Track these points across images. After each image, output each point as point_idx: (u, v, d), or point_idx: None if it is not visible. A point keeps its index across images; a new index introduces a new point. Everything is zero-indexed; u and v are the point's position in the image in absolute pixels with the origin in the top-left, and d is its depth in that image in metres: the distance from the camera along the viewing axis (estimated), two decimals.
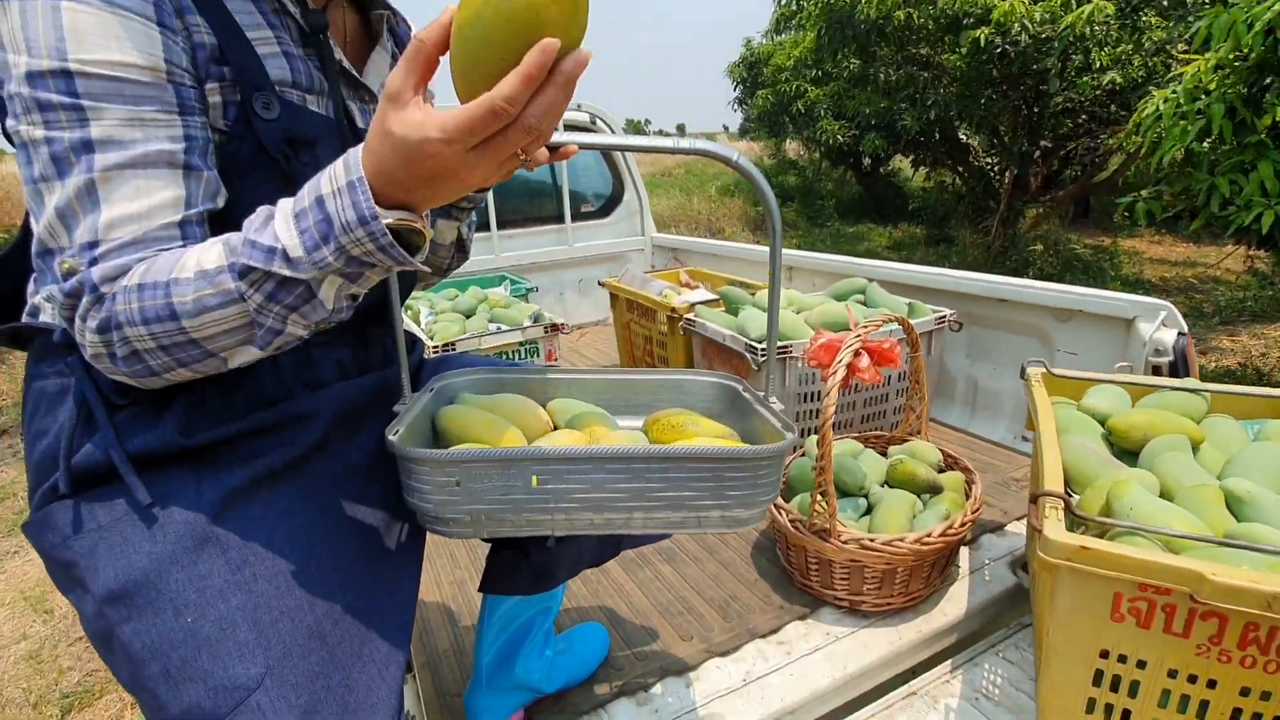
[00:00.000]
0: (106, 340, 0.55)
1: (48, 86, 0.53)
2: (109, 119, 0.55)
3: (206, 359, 0.57)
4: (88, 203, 0.54)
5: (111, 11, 0.54)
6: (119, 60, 0.55)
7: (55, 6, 0.53)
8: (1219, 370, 4.45)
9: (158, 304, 0.53)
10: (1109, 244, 7.91)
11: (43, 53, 0.53)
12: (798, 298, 1.98)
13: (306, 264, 0.51)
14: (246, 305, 0.53)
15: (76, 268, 0.55)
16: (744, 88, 13.03)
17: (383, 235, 0.50)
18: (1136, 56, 5.71)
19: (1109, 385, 1.26)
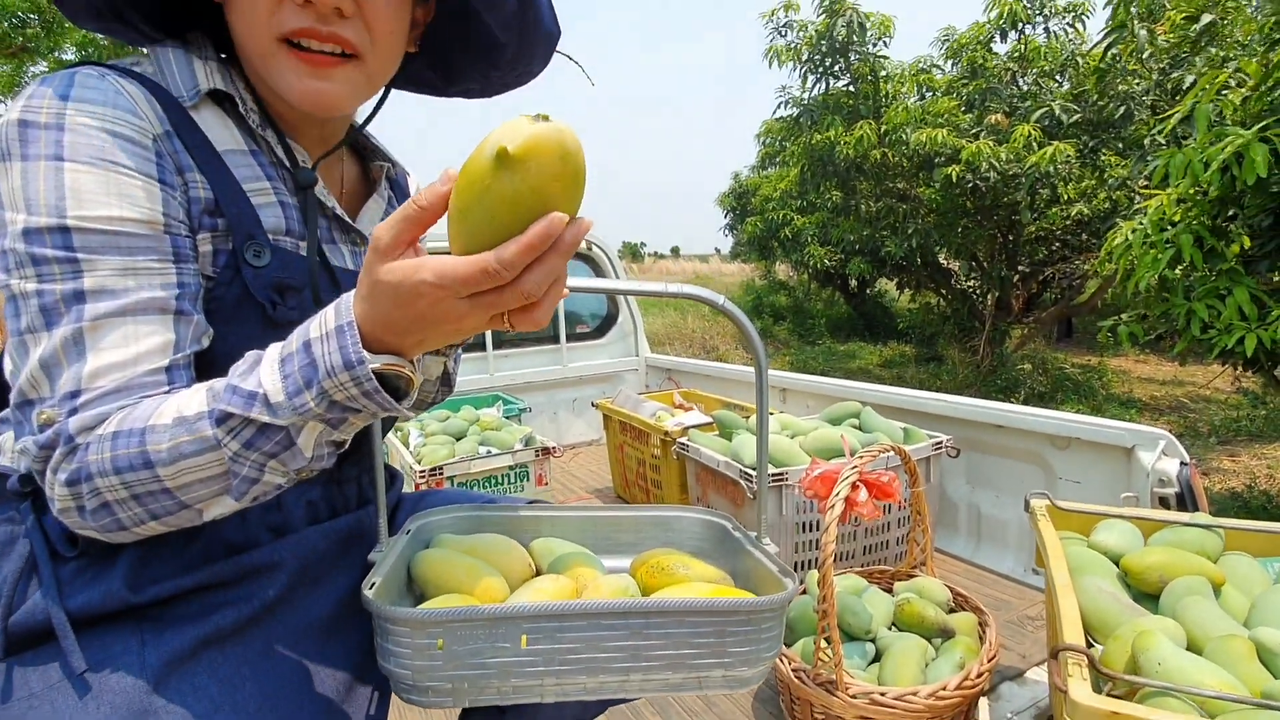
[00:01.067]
0: (76, 493, 0.52)
1: (44, 242, 0.53)
2: (103, 270, 0.54)
3: (180, 510, 0.53)
4: (73, 352, 0.53)
5: (115, 171, 0.56)
6: (117, 215, 0.55)
7: (58, 167, 0.54)
8: (1225, 493, 4.37)
9: (131, 452, 0.51)
10: (1096, 363, 8.06)
11: (41, 210, 0.53)
12: (792, 422, 1.96)
13: (286, 409, 0.49)
14: (222, 453, 0.50)
15: (54, 418, 0.52)
16: (734, 215, 13.81)
17: (368, 380, 0.48)
18: (1101, 190, 6.10)
19: (1118, 520, 1.21)
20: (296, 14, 0.61)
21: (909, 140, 6.30)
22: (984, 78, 6.71)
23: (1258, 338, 2.97)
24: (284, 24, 0.61)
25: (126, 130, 0.57)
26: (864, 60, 6.76)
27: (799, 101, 7.43)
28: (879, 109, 6.86)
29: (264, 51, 0.62)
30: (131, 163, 0.56)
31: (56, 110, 0.55)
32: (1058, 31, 6.49)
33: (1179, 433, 5.71)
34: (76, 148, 0.55)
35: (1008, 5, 6.28)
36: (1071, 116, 5.91)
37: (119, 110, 0.57)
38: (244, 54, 0.65)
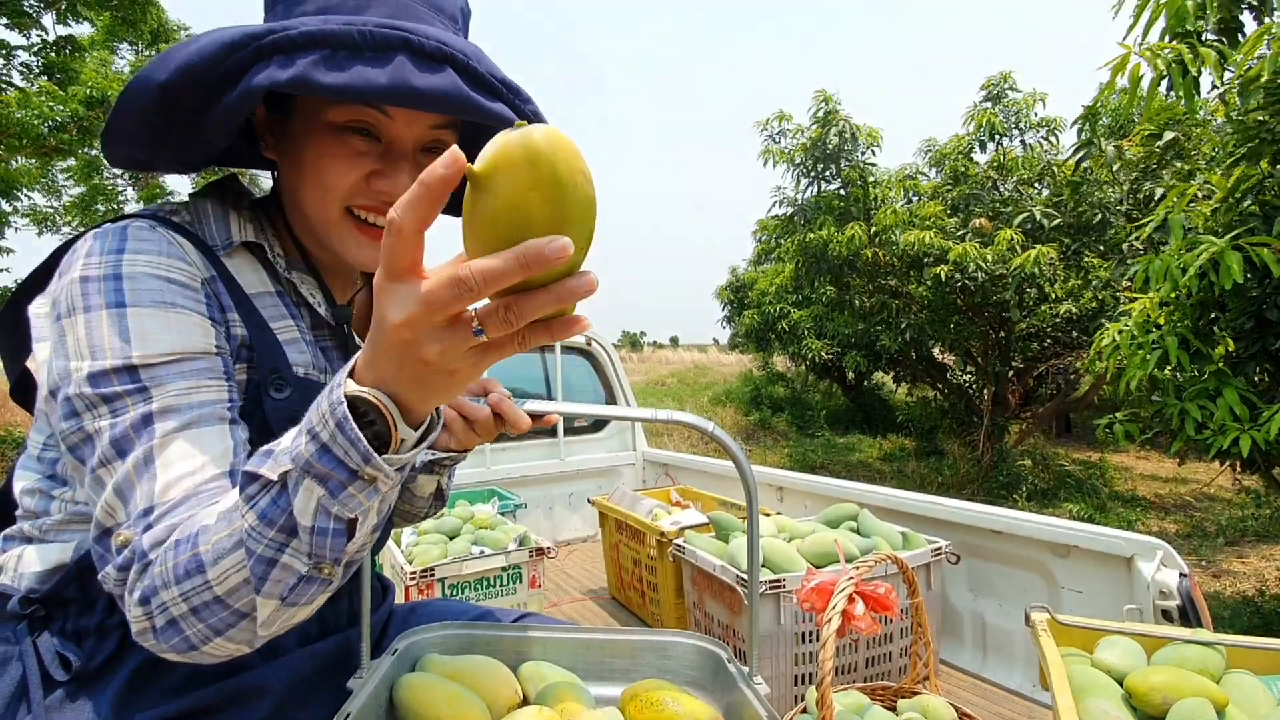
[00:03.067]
0: (147, 612, 0.51)
1: (110, 382, 0.55)
2: (169, 393, 0.56)
3: (238, 621, 0.50)
4: (144, 472, 0.54)
5: (172, 311, 0.59)
6: (178, 350, 0.58)
7: (120, 314, 0.57)
8: (1236, 597, 4.24)
9: (186, 558, 0.49)
10: (1097, 459, 8.01)
11: (106, 355, 0.55)
12: (789, 524, 1.94)
13: (285, 455, 0.47)
14: (242, 528, 0.48)
15: (131, 539, 0.52)
16: (731, 307, 14.12)
17: (339, 405, 0.44)
18: (1087, 291, 6.29)
19: (1120, 637, 1.19)
20: (368, 195, 0.67)
21: (898, 241, 6.56)
22: (966, 184, 7.07)
23: (1252, 439, 2.99)
24: (354, 199, 0.67)
25: (179, 276, 0.61)
26: (854, 166, 7.15)
27: (793, 201, 7.78)
28: (869, 211, 7.18)
29: (329, 218, 0.67)
30: (187, 304, 0.60)
31: (113, 262, 0.58)
32: (1033, 144, 6.90)
33: (1186, 533, 5.61)
34: (137, 293, 0.58)
35: (986, 117, 6.72)
36: (1052, 221, 6.19)
37: (172, 258, 0.61)
38: (300, 210, 0.70)
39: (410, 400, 0.46)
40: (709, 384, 16.54)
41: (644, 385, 17.36)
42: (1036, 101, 6.64)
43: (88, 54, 9.02)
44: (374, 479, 0.47)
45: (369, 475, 0.46)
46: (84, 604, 0.62)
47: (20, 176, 9.48)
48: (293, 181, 0.69)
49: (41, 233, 13.06)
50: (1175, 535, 5.59)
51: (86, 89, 8.04)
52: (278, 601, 0.50)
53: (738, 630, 1.68)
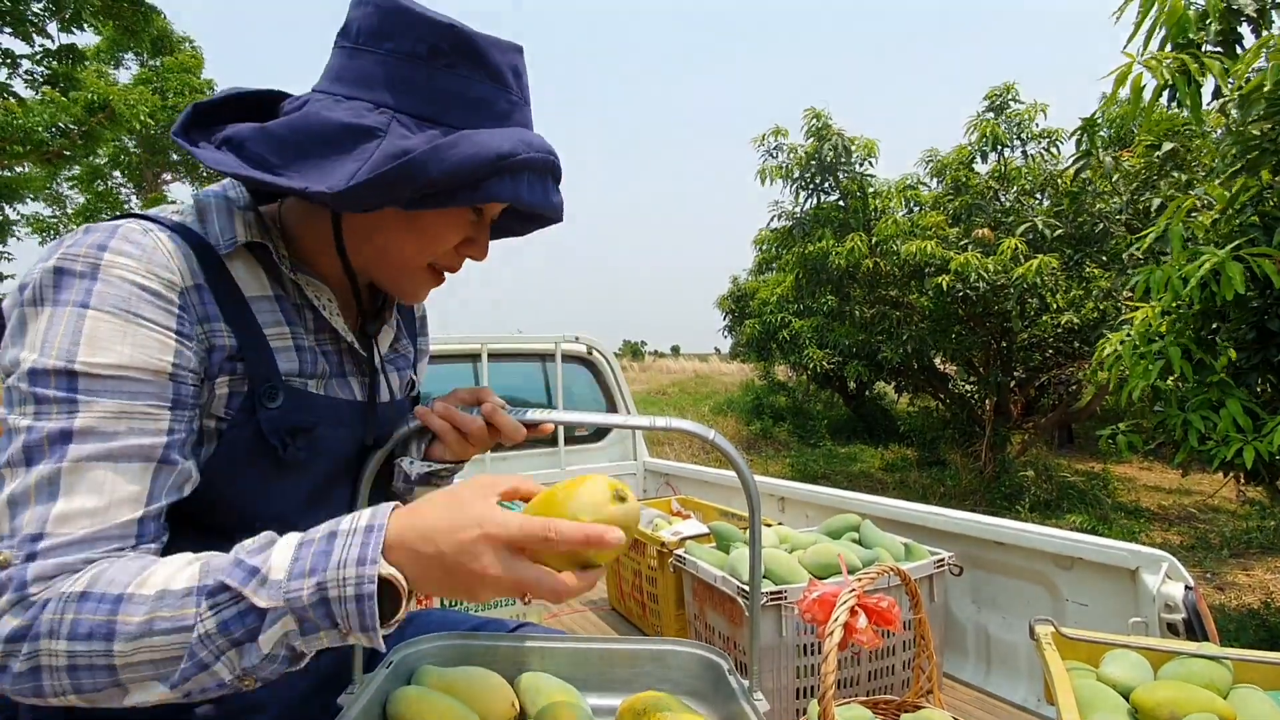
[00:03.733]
0: (12, 650, 0.49)
1: (47, 383, 0.54)
2: (97, 411, 0.55)
3: (109, 689, 0.50)
4: (45, 492, 0.52)
5: (133, 322, 0.57)
6: (126, 363, 0.56)
7: (80, 314, 0.56)
8: (1242, 610, 4.21)
9: (97, 619, 0.49)
10: (1100, 470, 7.98)
11: (52, 353, 0.54)
12: (790, 535, 1.93)
13: (278, 591, 0.49)
14: (191, 635, 0.48)
15: (9, 560, 0.50)
16: (733, 317, 14.13)
17: (370, 582, 0.48)
18: (1088, 301, 6.29)
19: (1126, 651, 1.17)
20: (453, 255, 0.74)
21: (899, 251, 6.57)
22: (968, 194, 7.09)
23: (1255, 450, 2.97)
24: (442, 259, 0.73)
25: (154, 285, 0.59)
26: (851, 178, 7.17)
27: (791, 214, 7.80)
28: (869, 222, 7.20)
29: (415, 269, 0.73)
30: (152, 315, 0.58)
31: (93, 260, 0.57)
32: (1035, 154, 6.93)
33: (1191, 545, 5.57)
34: (104, 296, 0.57)
35: (988, 127, 6.74)
36: (1054, 231, 6.20)
37: (153, 265, 0.59)
38: (377, 257, 0.72)
39: (427, 588, 0.52)
40: (710, 393, 16.53)
41: (645, 394, 17.34)
42: (1038, 112, 6.67)
43: (89, 63, 9.11)
44: (348, 637, 0.50)
45: (353, 637, 0.50)
46: None
47: (24, 184, 9.53)
48: (386, 231, 0.70)
49: (44, 241, 13.13)
50: (1179, 547, 5.55)
51: (89, 94, 8.10)
52: (172, 692, 0.50)
53: (738, 642, 1.67)
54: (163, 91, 11.56)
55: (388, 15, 0.64)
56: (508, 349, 3.36)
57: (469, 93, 0.65)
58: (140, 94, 10.19)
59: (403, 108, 0.63)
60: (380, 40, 0.64)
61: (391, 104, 0.63)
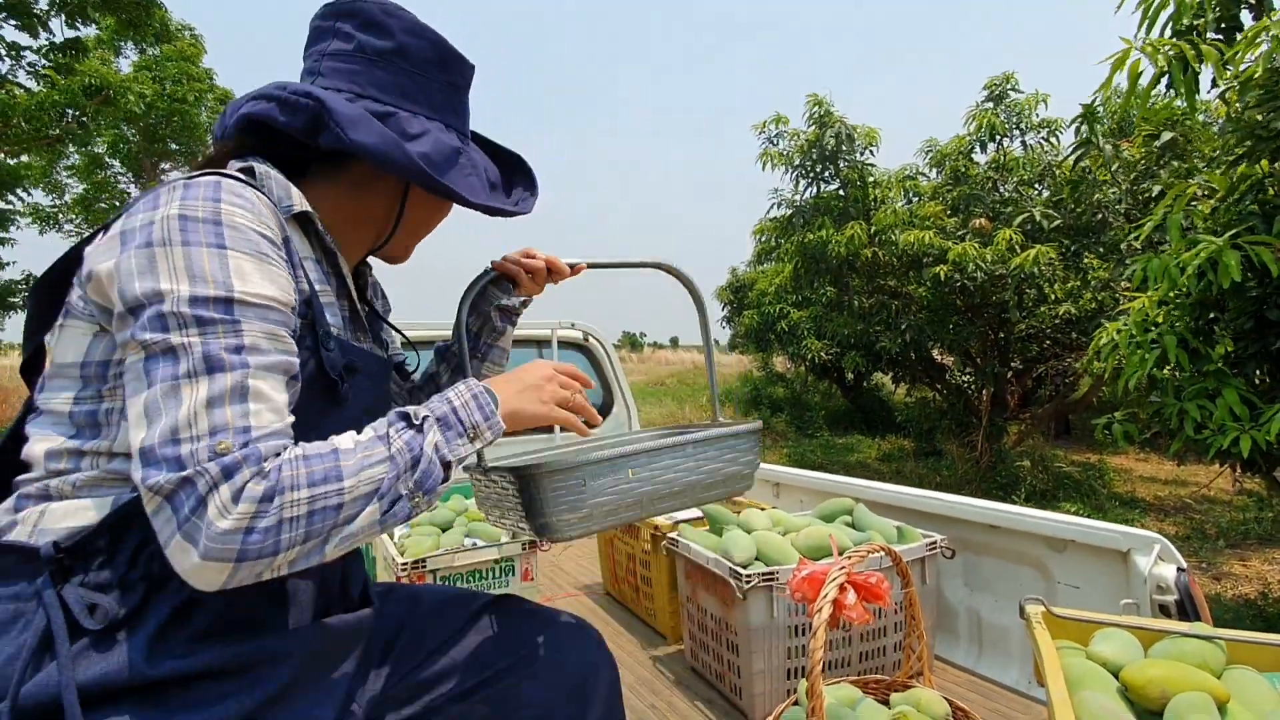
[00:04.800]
0: (261, 509, 0.58)
1: (208, 307, 0.62)
2: (256, 331, 0.64)
3: (329, 532, 0.62)
4: (238, 395, 0.61)
5: (265, 261, 0.67)
6: (270, 295, 0.66)
7: (223, 254, 0.64)
8: (1238, 599, 4.22)
9: (326, 467, 0.62)
10: (1096, 461, 7.99)
11: (209, 283, 0.62)
12: (784, 518, 1.93)
13: (423, 410, 0.72)
14: (388, 462, 0.65)
15: (231, 448, 0.59)
16: (731, 308, 14.11)
17: (477, 386, 0.78)
18: (1086, 291, 6.28)
19: (1116, 629, 1.17)
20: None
21: (898, 240, 6.55)
22: (966, 184, 7.06)
23: (1252, 439, 2.96)
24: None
25: (269, 233, 0.69)
26: (852, 167, 7.14)
27: (791, 203, 7.77)
28: (868, 211, 7.17)
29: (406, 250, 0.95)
30: (275, 258, 0.69)
31: (213, 208, 0.65)
32: (1033, 144, 6.89)
33: (1186, 535, 5.59)
34: (236, 240, 0.65)
35: (986, 117, 6.71)
36: (1052, 222, 6.18)
37: (261, 216, 0.69)
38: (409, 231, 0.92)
39: (509, 397, 0.81)
40: (706, 385, 16.53)
41: (644, 385, 17.34)
42: (1038, 102, 6.63)
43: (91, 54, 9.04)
44: (477, 436, 0.74)
45: (477, 432, 0.75)
46: (109, 558, 0.64)
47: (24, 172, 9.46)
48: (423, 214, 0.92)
49: (43, 230, 13.05)
50: (1175, 537, 5.57)
51: (87, 78, 8.05)
52: (379, 516, 0.65)
53: (730, 623, 1.66)
54: (161, 80, 11.47)
55: (441, 50, 0.84)
56: None
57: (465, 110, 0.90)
58: (140, 79, 10.12)
59: (460, 129, 0.87)
60: (441, 71, 0.85)
61: (456, 126, 0.87)
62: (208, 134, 12.90)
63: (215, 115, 12.83)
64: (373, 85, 0.80)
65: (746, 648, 1.61)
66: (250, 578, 0.60)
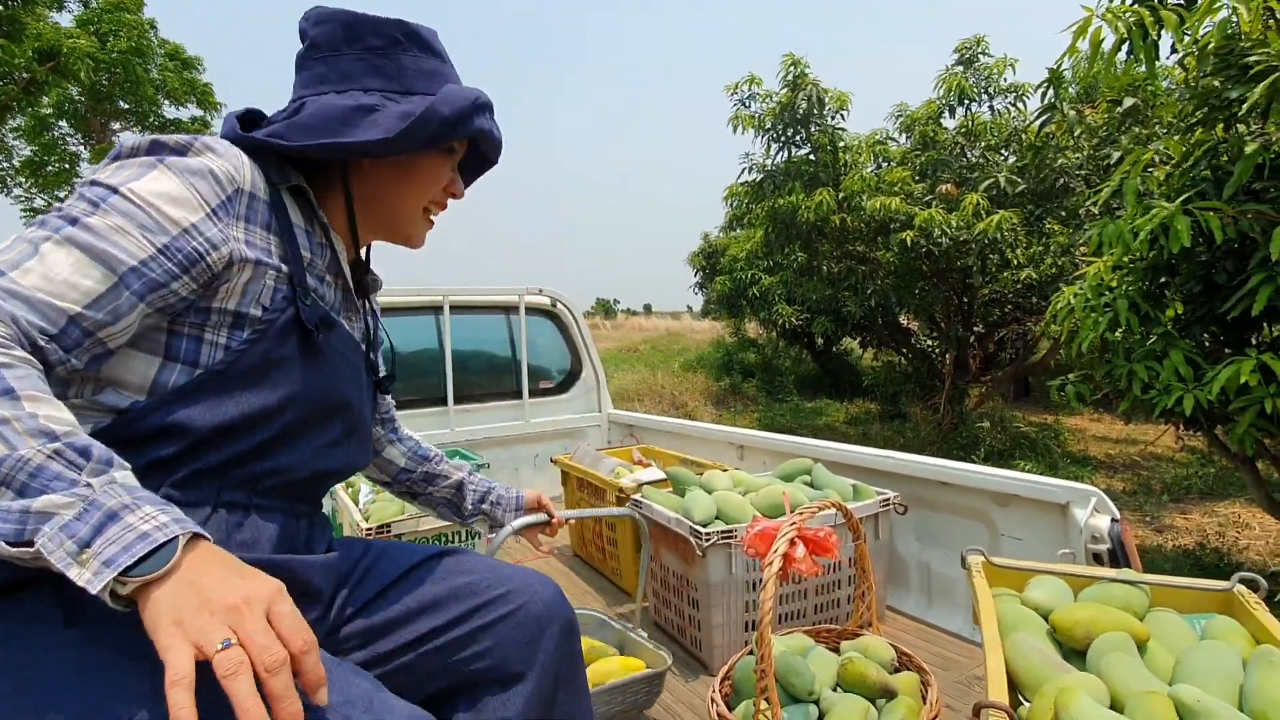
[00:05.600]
0: None
1: (91, 190, 0.65)
2: (107, 219, 0.64)
3: None
4: (26, 250, 0.61)
5: (185, 185, 0.69)
6: (151, 197, 0.66)
7: (153, 165, 0.68)
8: (1177, 550, 4.46)
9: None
10: (1052, 421, 8.27)
11: (115, 177, 0.67)
12: (745, 478, 1.97)
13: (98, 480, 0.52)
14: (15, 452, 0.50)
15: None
16: (704, 274, 14.11)
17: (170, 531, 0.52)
18: (1047, 256, 6.41)
19: (1049, 577, 1.23)
20: (441, 196, 0.94)
21: (865, 206, 6.58)
22: (935, 150, 7.09)
23: (1195, 398, 3.09)
24: (433, 200, 0.93)
25: (219, 172, 0.71)
26: (823, 131, 7.11)
27: (763, 167, 7.74)
28: (838, 176, 7.18)
29: (412, 213, 0.92)
30: (202, 189, 0.70)
31: (185, 141, 0.71)
32: (1001, 109, 6.93)
33: (1133, 490, 5.85)
34: (176, 164, 0.69)
35: (955, 80, 6.71)
36: (1016, 187, 6.26)
37: (227, 162, 0.72)
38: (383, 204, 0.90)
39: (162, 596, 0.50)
40: (681, 350, 16.60)
41: (617, 351, 17.35)
42: (1007, 67, 6.64)
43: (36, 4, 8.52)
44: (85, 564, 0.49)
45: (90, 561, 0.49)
46: None
47: None
48: (386, 181, 0.89)
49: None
50: (1123, 493, 5.82)
51: (38, 42, 7.64)
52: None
53: (691, 579, 1.71)
54: (101, 35, 10.89)
55: (349, 25, 0.84)
56: (470, 301, 3.31)
57: (424, 67, 0.87)
58: (85, 40, 9.59)
59: (386, 89, 0.84)
60: (350, 44, 0.84)
61: (377, 87, 0.84)
62: (157, 92, 12.35)
63: (166, 72, 12.29)
64: (302, 86, 0.85)
65: (706, 603, 1.67)
66: None
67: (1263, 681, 0.91)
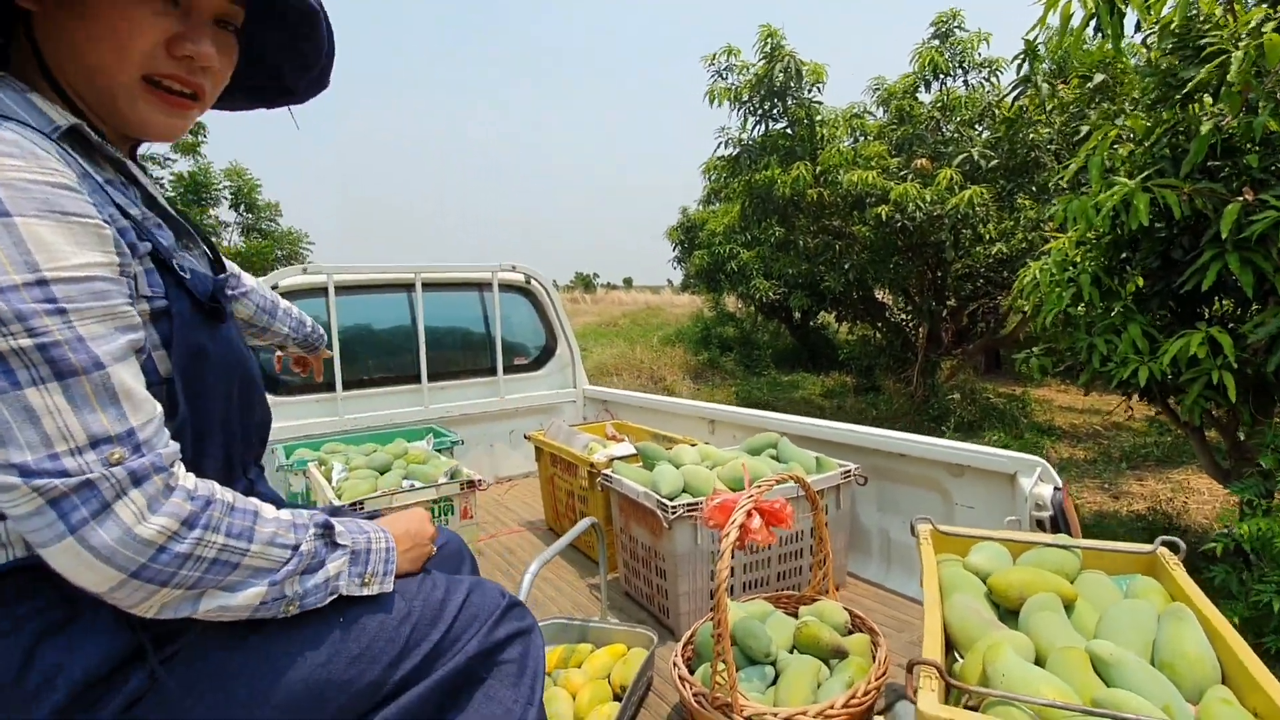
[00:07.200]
0: (180, 533, 0.59)
1: (22, 299, 0.53)
2: (87, 315, 0.56)
3: (213, 589, 0.64)
4: (105, 397, 0.56)
5: (66, 221, 0.56)
6: (85, 261, 0.57)
7: (9, 224, 0.53)
8: (1131, 515, 4.65)
9: (246, 524, 0.65)
10: (1020, 393, 8.48)
11: (8, 269, 0.52)
12: (712, 452, 2.03)
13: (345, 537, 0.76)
14: (291, 552, 0.69)
15: (124, 457, 0.57)
16: (682, 248, 14.09)
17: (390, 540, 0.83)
18: (1018, 231, 6.51)
19: (990, 543, 1.31)
20: (169, 61, 0.66)
21: (842, 181, 6.62)
22: (910, 124, 7.12)
23: (1149, 370, 3.21)
24: (156, 66, 0.66)
25: (57, 179, 0.56)
26: (800, 104, 7.09)
27: (739, 141, 7.71)
28: (815, 150, 7.19)
29: (125, 85, 0.65)
30: (76, 209, 0.57)
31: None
32: (975, 84, 6.97)
33: (1093, 459, 6.06)
34: (18, 202, 0.53)
35: (929, 55, 6.73)
36: (990, 162, 6.33)
37: (40, 161, 0.56)
38: (85, 74, 0.65)
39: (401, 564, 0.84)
40: (661, 324, 16.63)
41: (596, 325, 17.33)
42: (981, 41, 6.66)
43: None
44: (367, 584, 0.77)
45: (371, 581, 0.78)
46: None
47: None
48: (74, 40, 0.63)
49: None
50: (1084, 461, 6.03)
51: None
52: (258, 602, 0.67)
53: (659, 551, 1.77)
54: None
55: None
56: (443, 278, 3.31)
57: None
58: None
59: None
60: None
61: None
62: None
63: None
64: None
65: (673, 572, 1.73)
66: (126, 599, 0.58)
67: (1172, 635, 0.99)
